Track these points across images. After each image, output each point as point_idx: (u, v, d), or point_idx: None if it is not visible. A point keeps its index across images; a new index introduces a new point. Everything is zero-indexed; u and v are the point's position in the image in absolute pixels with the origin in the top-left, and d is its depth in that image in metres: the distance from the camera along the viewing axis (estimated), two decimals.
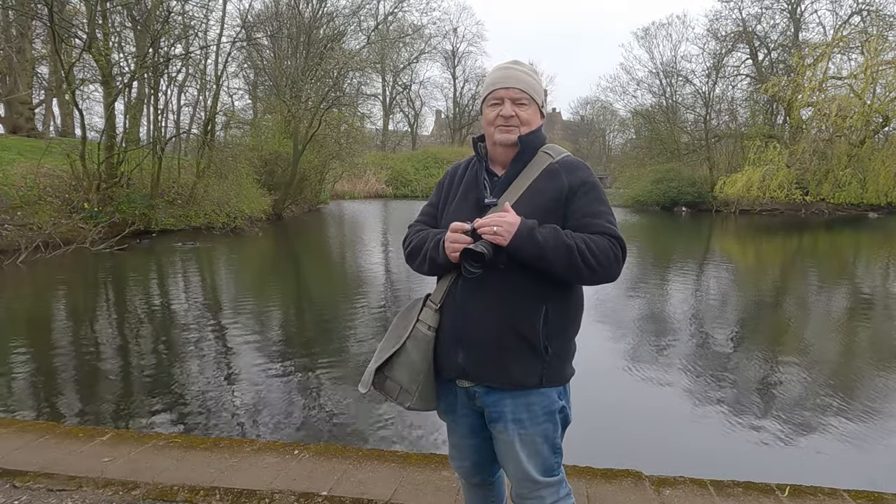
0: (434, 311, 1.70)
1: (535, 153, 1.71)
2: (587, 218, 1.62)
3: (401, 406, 1.73)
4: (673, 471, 2.81)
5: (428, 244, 1.71)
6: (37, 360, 5.53)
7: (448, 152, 42.96)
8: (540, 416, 1.66)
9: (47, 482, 2.63)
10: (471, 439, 1.80)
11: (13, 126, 19.91)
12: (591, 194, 1.65)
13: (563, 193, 1.64)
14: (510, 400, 1.65)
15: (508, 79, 1.67)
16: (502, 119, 1.67)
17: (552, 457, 1.70)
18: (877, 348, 6.37)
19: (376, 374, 1.73)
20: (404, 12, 40.30)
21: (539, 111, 1.73)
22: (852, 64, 25.61)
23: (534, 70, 1.74)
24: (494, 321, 1.61)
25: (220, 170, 17.58)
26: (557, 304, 1.64)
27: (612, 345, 6.09)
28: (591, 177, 1.69)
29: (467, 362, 1.66)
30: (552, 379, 1.66)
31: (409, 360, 1.69)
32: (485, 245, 1.52)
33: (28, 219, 11.93)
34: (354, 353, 5.86)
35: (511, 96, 1.67)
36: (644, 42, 41.06)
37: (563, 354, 1.69)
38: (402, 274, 11.21)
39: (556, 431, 1.69)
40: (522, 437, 1.66)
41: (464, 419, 1.78)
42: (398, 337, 1.73)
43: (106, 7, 14.98)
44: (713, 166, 30.39)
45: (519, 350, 1.62)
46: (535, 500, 1.70)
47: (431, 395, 1.74)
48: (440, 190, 1.88)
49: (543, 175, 1.67)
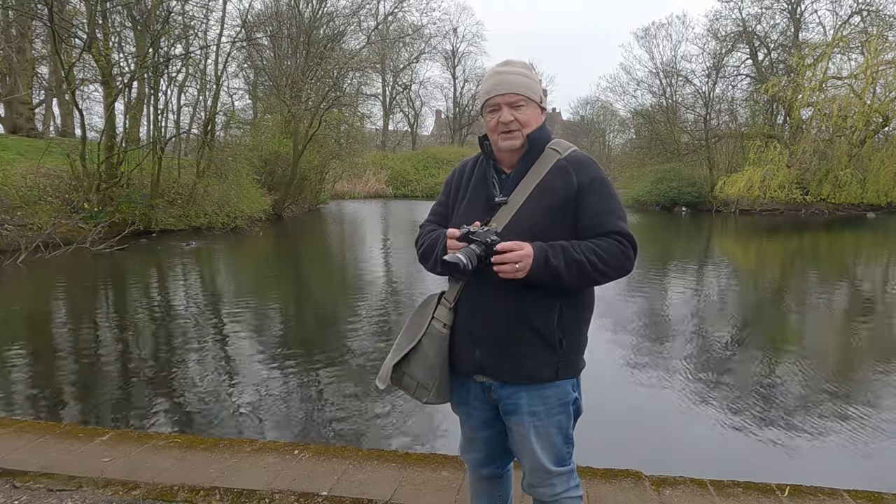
0: (448, 310, 1.73)
1: (543, 150, 1.72)
2: (599, 216, 1.64)
3: (418, 401, 1.78)
4: (673, 471, 2.81)
5: (438, 246, 1.74)
6: (37, 360, 5.53)
7: (448, 152, 42.90)
8: (555, 408, 1.70)
9: (47, 482, 2.63)
10: (483, 431, 1.84)
11: (13, 126, 19.90)
12: (602, 191, 1.67)
13: (572, 191, 1.65)
14: (525, 393, 1.69)
15: (502, 84, 1.68)
16: (503, 125, 1.68)
17: (565, 447, 1.74)
18: (877, 348, 6.37)
19: (394, 371, 1.78)
20: (404, 12, 40.39)
21: (539, 107, 1.73)
22: (852, 64, 25.63)
23: (527, 66, 1.74)
24: (509, 318, 1.65)
25: (220, 170, 17.57)
26: (571, 299, 1.68)
27: (612, 345, 6.09)
28: (600, 172, 1.70)
29: (484, 358, 1.69)
30: (567, 371, 1.71)
31: (425, 357, 1.73)
32: (467, 253, 1.53)
33: (28, 219, 11.94)
34: (355, 353, 5.86)
35: (507, 101, 1.67)
36: (644, 42, 41.08)
37: (576, 347, 1.73)
38: (402, 273, 11.22)
39: (568, 422, 1.74)
40: (538, 429, 1.70)
41: (477, 412, 1.81)
42: (414, 334, 1.77)
43: (106, 7, 14.99)
44: (713, 166, 30.34)
45: (534, 345, 1.65)
46: (546, 488, 1.74)
47: (447, 389, 1.79)
48: (448, 188, 1.89)
49: (552, 172, 1.68)
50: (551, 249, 1.57)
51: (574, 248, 1.59)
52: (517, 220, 1.65)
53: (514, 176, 1.72)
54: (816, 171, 25.56)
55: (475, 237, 1.57)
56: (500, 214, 1.68)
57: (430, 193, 37.56)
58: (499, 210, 1.69)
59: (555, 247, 1.58)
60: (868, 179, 24.87)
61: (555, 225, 1.64)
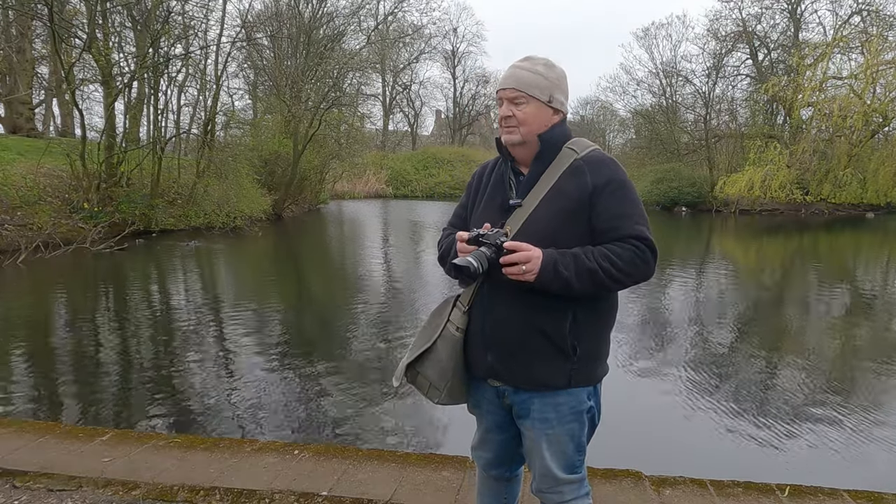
0: (462, 313, 1.72)
1: (559, 150, 1.66)
2: (614, 220, 1.58)
3: (430, 401, 1.78)
4: (673, 471, 2.80)
5: (453, 251, 1.73)
6: (37, 360, 5.53)
7: (448, 152, 42.87)
8: (567, 416, 1.67)
9: (47, 482, 2.63)
10: (496, 434, 1.84)
11: (13, 126, 19.88)
12: (619, 193, 1.60)
13: (586, 193, 1.59)
14: (538, 399, 1.67)
15: (507, 78, 1.66)
16: (503, 119, 1.67)
17: (576, 455, 1.72)
18: (877, 348, 6.37)
19: (408, 370, 1.78)
20: (404, 12, 40.38)
21: (546, 106, 1.64)
22: (852, 64, 25.58)
23: (547, 64, 1.66)
24: (520, 324, 1.62)
25: (220, 170, 17.55)
26: (586, 305, 1.63)
27: (612, 344, 6.07)
28: (618, 173, 1.62)
29: (496, 363, 1.68)
30: (581, 380, 1.66)
31: (439, 359, 1.73)
32: (477, 256, 1.52)
33: (28, 219, 11.92)
34: (355, 353, 5.86)
35: (507, 96, 1.65)
36: (644, 42, 41.06)
37: (594, 354, 1.69)
38: (402, 273, 11.22)
39: (581, 430, 1.71)
40: (549, 436, 1.68)
41: (490, 415, 1.81)
42: (429, 335, 1.76)
43: (106, 7, 14.97)
44: (713, 166, 30.34)
45: (545, 352, 1.62)
46: (554, 495, 1.74)
47: (460, 391, 1.79)
48: (469, 191, 1.88)
49: (566, 174, 1.63)
50: (562, 258, 1.52)
51: (587, 255, 1.53)
52: (530, 223, 1.61)
53: (529, 178, 1.68)
54: (816, 171, 25.57)
55: (485, 239, 1.54)
56: (514, 217, 1.64)
57: (430, 193, 37.55)
58: (513, 213, 1.65)
59: (566, 255, 1.53)
60: (868, 179, 24.88)
61: (568, 229, 1.59)
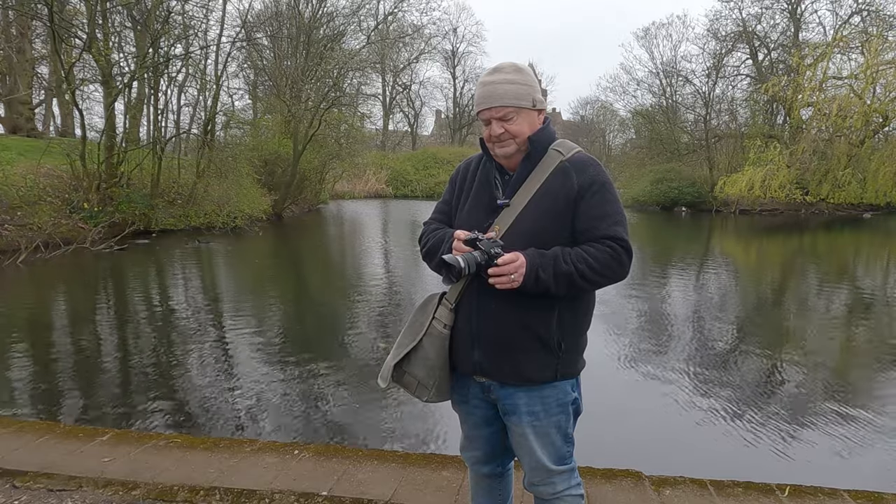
0: (449, 311, 1.74)
1: (546, 151, 1.70)
2: (593, 221, 1.63)
3: (418, 399, 1.79)
4: (673, 471, 2.81)
5: (444, 245, 1.74)
6: (37, 360, 5.53)
7: (448, 152, 42.87)
8: (554, 409, 1.72)
9: (47, 482, 2.63)
10: (483, 430, 1.85)
11: (13, 126, 19.88)
12: (600, 194, 1.64)
13: (572, 194, 1.64)
14: (524, 393, 1.70)
15: (490, 97, 1.65)
16: (495, 137, 1.68)
17: (564, 446, 1.76)
18: (876, 348, 6.37)
19: (395, 369, 1.79)
20: (404, 12, 40.38)
21: (532, 111, 1.68)
22: (852, 64, 25.57)
23: (518, 69, 1.67)
24: (508, 321, 1.65)
25: (220, 170, 17.57)
26: (570, 303, 1.68)
27: (612, 344, 6.09)
28: (601, 175, 1.67)
29: (483, 360, 1.71)
30: (566, 373, 1.72)
31: (426, 357, 1.74)
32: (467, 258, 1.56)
33: (28, 219, 11.92)
34: (355, 353, 5.86)
35: (495, 116, 1.66)
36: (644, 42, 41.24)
37: (576, 348, 1.74)
38: (402, 273, 11.22)
39: (568, 422, 1.76)
40: (536, 429, 1.71)
41: (476, 410, 1.83)
42: (415, 334, 1.77)
43: (106, 7, 14.97)
44: (713, 166, 30.35)
45: (533, 348, 1.66)
46: (547, 486, 1.76)
47: (447, 388, 1.80)
48: (453, 186, 1.89)
49: (554, 175, 1.67)
50: (542, 261, 1.57)
51: (565, 258, 1.58)
52: (518, 223, 1.65)
53: (516, 178, 1.70)
54: (816, 171, 25.57)
55: (481, 245, 1.58)
56: (503, 217, 1.68)
57: (430, 193, 37.53)
58: (501, 212, 1.68)
59: (546, 257, 1.57)
60: (868, 179, 24.88)
61: (554, 229, 1.63)
